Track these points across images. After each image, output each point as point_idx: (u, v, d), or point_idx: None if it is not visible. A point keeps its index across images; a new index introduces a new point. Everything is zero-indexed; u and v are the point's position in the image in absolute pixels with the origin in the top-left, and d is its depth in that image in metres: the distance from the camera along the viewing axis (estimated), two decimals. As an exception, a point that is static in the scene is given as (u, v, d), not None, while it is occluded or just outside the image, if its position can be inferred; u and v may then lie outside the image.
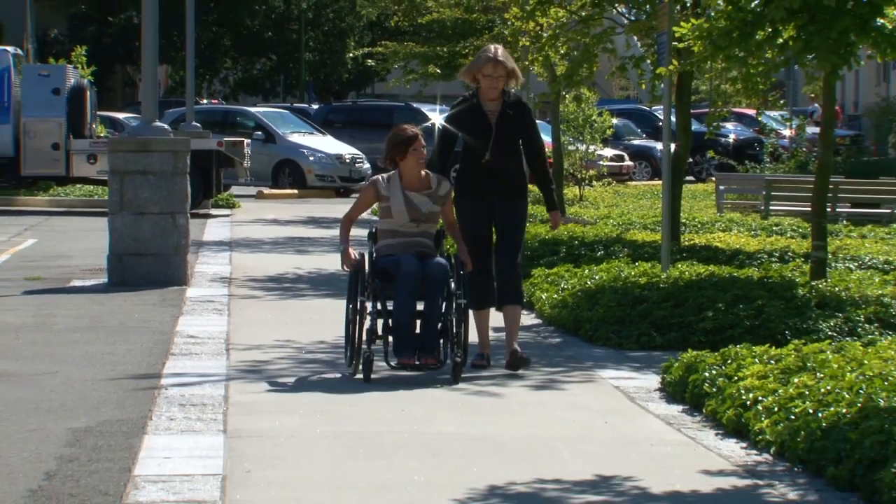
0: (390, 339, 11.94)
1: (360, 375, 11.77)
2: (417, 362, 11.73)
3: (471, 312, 12.23)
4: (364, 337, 11.83)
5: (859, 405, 9.37)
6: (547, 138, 22.44)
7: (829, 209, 20.71)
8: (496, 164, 12.41)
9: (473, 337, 12.35)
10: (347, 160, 41.78)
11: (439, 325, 11.92)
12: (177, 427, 10.24)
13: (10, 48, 38.00)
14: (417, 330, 11.92)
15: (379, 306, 11.98)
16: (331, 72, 73.19)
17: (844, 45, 15.72)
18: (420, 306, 11.98)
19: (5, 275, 20.13)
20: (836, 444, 8.90)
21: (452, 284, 11.91)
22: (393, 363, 11.80)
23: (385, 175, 12.23)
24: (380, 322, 12.00)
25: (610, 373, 12.44)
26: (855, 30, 15.59)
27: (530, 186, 13.37)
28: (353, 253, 12.09)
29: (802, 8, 15.54)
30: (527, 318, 14.45)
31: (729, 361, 11.49)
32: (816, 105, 51.25)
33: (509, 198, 12.58)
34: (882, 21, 15.67)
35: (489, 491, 8.55)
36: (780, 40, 16.11)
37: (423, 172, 12.18)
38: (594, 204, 33.01)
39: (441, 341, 11.90)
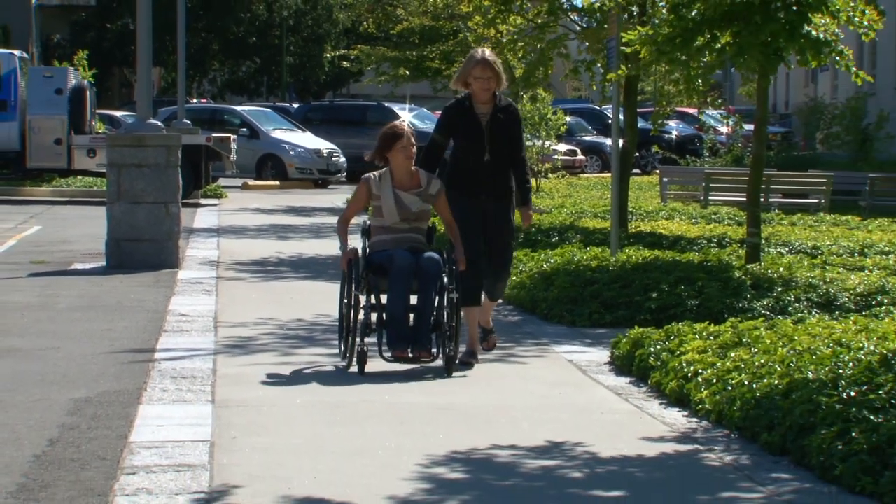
0: (384, 332, 11.19)
1: (354, 368, 11.09)
2: (411, 355, 11.08)
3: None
4: (358, 330, 11.13)
5: (790, 377, 9.38)
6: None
7: (762, 199, 20.74)
8: (487, 166, 11.70)
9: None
10: (325, 154, 41.92)
11: (432, 318, 11.26)
12: (169, 398, 10.22)
13: (16, 52, 37.90)
14: (411, 323, 11.24)
15: (373, 300, 11.32)
16: (310, 74, 73.15)
17: (774, 50, 15.78)
18: (413, 300, 11.32)
19: (12, 258, 20.11)
20: (768, 412, 8.92)
21: (445, 278, 11.28)
22: (387, 356, 11.02)
23: (377, 173, 11.47)
24: (373, 316, 11.36)
25: (564, 348, 12.44)
26: (784, 35, 15.64)
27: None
28: (351, 252, 11.39)
29: (737, 12, 15.59)
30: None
31: (672, 337, 11.51)
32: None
33: (499, 199, 11.82)
34: (809, 28, 15.74)
35: (453, 455, 8.54)
36: (718, 45, 16.14)
37: (413, 170, 11.42)
38: (549, 194, 33.01)
39: (434, 335, 11.26)
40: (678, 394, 10.28)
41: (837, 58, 16.27)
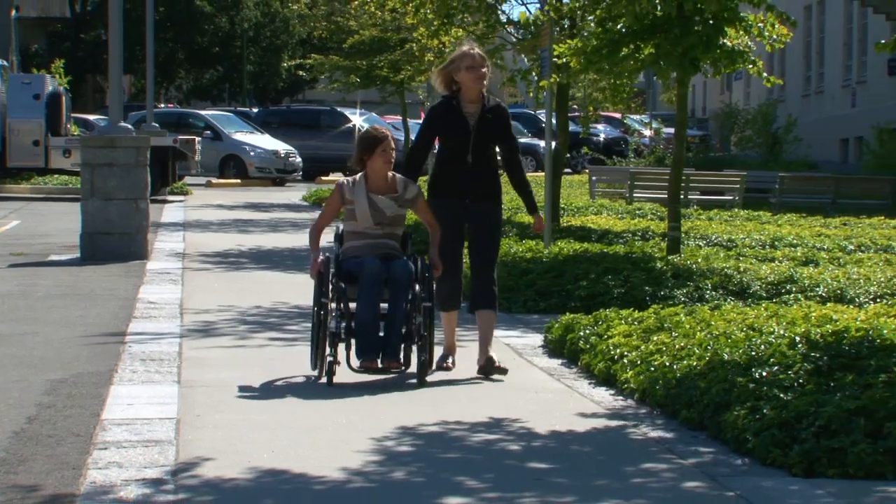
0: (353, 342, 9.94)
1: (324, 380, 9.89)
2: (381, 365, 9.83)
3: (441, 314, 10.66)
4: (329, 340, 9.87)
5: (707, 359, 9.41)
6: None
7: (682, 196, 20.81)
8: (473, 167, 10.44)
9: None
10: (282, 155, 42.01)
11: (403, 327, 9.98)
12: (138, 378, 10.17)
13: (-4, 60, 37.70)
14: (381, 332, 9.99)
15: (343, 309, 10.08)
16: (268, 81, 72.97)
17: (691, 60, 15.87)
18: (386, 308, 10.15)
19: (-7, 250, 19.99)
20: (688, 391, 8.95)
21: (417, 286, 10.05)
22: (355, 366, 9.84)
23: (350, 178, 10.29)
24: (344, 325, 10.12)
25: (501, 333, 12.40)
26: (700, 47, 15.74)
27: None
28: (321, 260, 10.09)
29: (658, 25, 15.65)
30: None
31: (600, 323, 11.53)
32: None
33: (484, 201, 10.56)
34: (723, 41, 15.84)
35: (402, 431, 8.53)
36: (641, 56, 16.21)
37: (389, 175, 10.25)
38: (488, 192, 32.97)
39: (406, 343, 9.99)
40: (606, 374, 10.31)
41: (749, 66, 16.39)
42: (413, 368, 9.98)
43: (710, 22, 15.79)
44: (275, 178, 41.78)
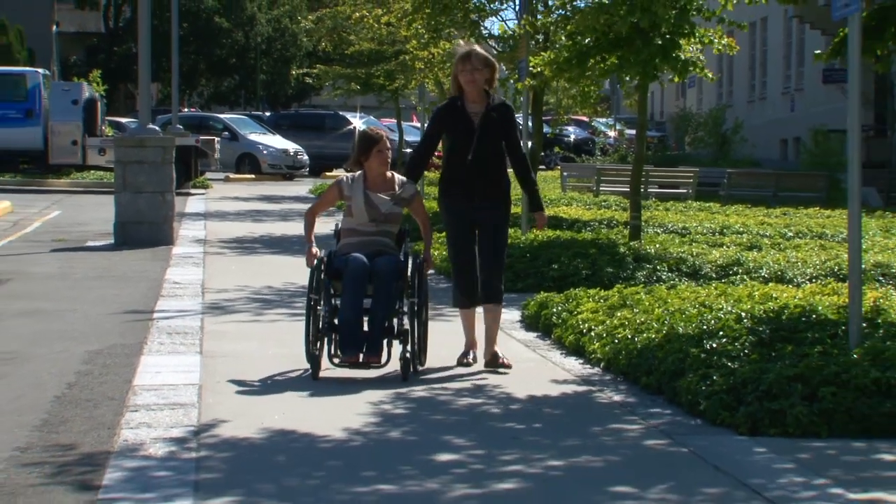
0: (336, 336, 9.13)
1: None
2: (362, 360, 8.95)
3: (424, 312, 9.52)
4: (313, 334, 9.10)
5: (664, 332, 9.43)
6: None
7: (642, 189, 20.83)
8: (479, 166, 9.51)
9: (434, 338, 9.80)
10: (292, 153, 42.15)
11: (386, 322, 9.11)
12: (165, 350, 10.17)
13: (40, 70, 37.87)
14: (366, 328, 9.11)
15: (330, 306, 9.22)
16: (279, 88, 72.85)
17: (650, 69, 15.89)
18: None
19: (38, 237, 20.02)
20: (647, 360, 8.96)
21: (409, 280, 9.24)
22: (336, 361, 9.07)
23: (350, 175, 9.51)
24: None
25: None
26: (659, 56, 15.75)
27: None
28: (316, 251, 9.32)
29: (622, 38, 15.66)
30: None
31: (570, 300, 11.55)
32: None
33: (492, 198, 9.61)
34: (679, 52, 15.88)
35: (396, 395, 8.53)
36: (606, 65, 16.23)
37: (387, 174, 9.49)
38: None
39: (392, 340, 9.14)
40: (575, 346, 10.32)
41: (699, 71, 16.44)
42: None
43: (668, 36, 15.82)
44: (285, 173, 41.85)
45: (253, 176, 41.31)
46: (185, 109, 56.72)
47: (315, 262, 9.21)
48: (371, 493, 6.19)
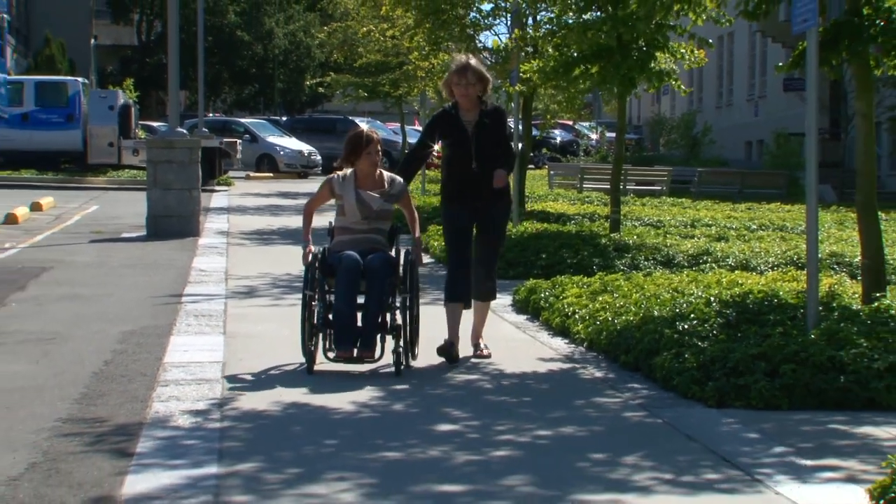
0: (330, 332, 8.48)
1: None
2: (356, 354, 8.34)
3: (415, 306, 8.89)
4: (308, 330, 8.47)
5: (641, 315, 9.43)
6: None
7: (621, 186, 20.83)
8: (477, 172, 8.86)
9: (435, 328, 9.17)
10: (306, 154, 42.18)
11: (379, 318, 8.45)
12: (192, 330, 10.17)
13: (80, 79, 37.94)
14: (359, 323, 8.48)
15: (324, 302, 8.60)
16: (294, 95, 72.69)
17: (629, 79, 15.90)
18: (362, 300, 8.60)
19: (77, 230, 20.02)
20: (626, 340, 8.96)
21: (402, 276, 8.63)
22: (330, 356, 8.42)
23: (341, 174, 8.86)
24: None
25: (479, 294, 12.42)
26: (636, 69, 15.76)
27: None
28: (312, 249, 8.79)
29: (603, 51, 15.67)
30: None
31: (556, 286, 11.54)
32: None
33: (492, 201, 8.97)
34: (654, 64, 15.90)
35: (396, 377, 8.51)
36: (589, 75, 16.23)
37: (377, 174, 8.80)
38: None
39: (385, 335, 8.49)
40: (561, 327, 10.32)
41: (673, 82, 16.45)
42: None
43: (644, 49, 15.84)
44: (300, 172, 41.83)
45: (271, 174, 41.29)
46: (210, 114, 56.58)
47: (310, 259, 8.64)
48: (378, 459, 6.19)
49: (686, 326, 8.63)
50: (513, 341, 9.99)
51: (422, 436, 6.72)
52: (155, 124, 44.48)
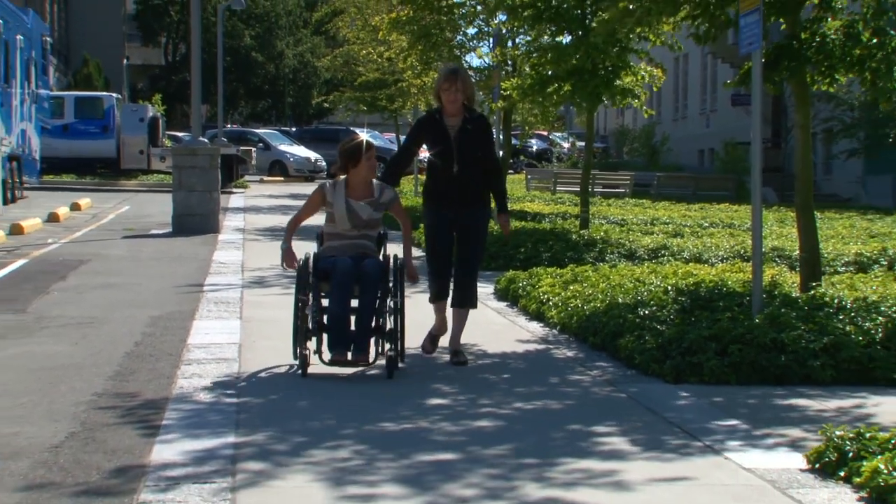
0: (325, 336, 7.68)
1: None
2: (350, 358, 7.53)
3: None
4: (302, 334, 7.68)
5: (607, 302, 9.42)
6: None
7: (589, 189, 20.84)
8: (462, 176, 8.11)
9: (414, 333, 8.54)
10: (313, 160, 42.22)
11: (373, 322, 7.65)
12: (212, 315, 10.14)
13: (114, 94, 38.01)
14: (353, 327, 7.65)
15: (318, 306, 7.74)
16: (302, 109, 72.59)
17: (596, 95, 15.93)
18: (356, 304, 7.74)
19: (112, 227, 19.99)
20: (594, 324, 8.95)
21: (391, 282, 7.75)
22: (326, 360, 7.59)
23: (331, 182, 8.06)
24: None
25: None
26: (603, 86, 15.77)
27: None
28: (296, 255, 8.05)
29: (574, 70, 15.68)
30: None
31: (533, 277, 11.54)
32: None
33: (470, 207, 8.16)
34: (619, 82, 15.93)
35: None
36: (562, 92, 16.24)
37: (369, 181, 7.99)
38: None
39: (376, 338, 7.73)
40: (537, 312, 10.31)
41: (635, 101, 16.47)
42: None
43: (610, 69, 15.86)
44: (307, 176, 41.84)
45: (282, 178, 41.27)
46: (228, 125, 56.45)
47: (301, 264, 7.86)
48: (377, 429, 6.17)
49: (646, 312, 8.63)
50: (494, 325, 9.97)
51: (415, 408, 6.70)
52: (180, 134, 44.44)
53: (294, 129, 54.78)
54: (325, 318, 7.68)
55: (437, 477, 5.18)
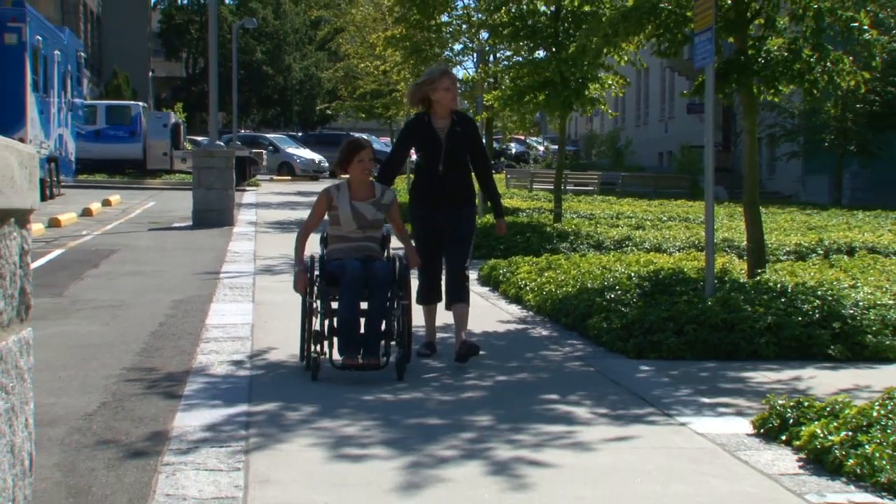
0: (335, 340, 6.88)
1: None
2: (361, 362, 6.66)
3: (418, 308, 7.71)
4: (312, 338, 6.79)
5: (578, 287, 9.43)
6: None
7: (562, 187, 20.86)
8: (449, 177, 7.38)
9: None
10: (317, 161, 42.09)
11: (383, 325, 6.83)
12: (228, 299, 10.11)
13: (140, 103, 37.76)
14: (362, 330, 6.82)
15: (328, 309, 6.89)
16: (308, 116, 72.39)
17: (568, 104, 15.93)
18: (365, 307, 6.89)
19: (139, 220, 19.91)
20: (566, 306, 8.96)
21: (399, 284, 6.95)
22: (337, 363, 6.81)
23: (335, 185, 7.27)
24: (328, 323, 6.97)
25: (452, 271, 12.40)
26: (574, 96, 15.77)
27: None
28: (306, 276, 7.01)
29: (547, 83, 15.69)
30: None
31: (512, 265, 11.54)
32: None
33: (458, 207, 7.43)
34: (588, 93, 15.94)
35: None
36: (536, 101, 16.25)
37: (368, 182, 7.23)
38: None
39: (385, 341, 6.84)
40: (516, 296, 10.31)
41: (602, 107, 16.47)
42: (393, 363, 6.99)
43: (580, 81, 15.86)
44: (312, 175, 41.74)
45: (290, 177, 41.16)
46: (242, 131, 56.31)
47: (305, 286, 6.97)
48: (375, 399, 6.16)
49: (612, 296, 8.63)
50: (477, 307, 9.97)
51: (408, 380, 6.69)
52: (199, 138, 44.30)
53: (300, 134, 54.65)
54: (334, 320, 6.85)
55: (422, 440, 5.19)
